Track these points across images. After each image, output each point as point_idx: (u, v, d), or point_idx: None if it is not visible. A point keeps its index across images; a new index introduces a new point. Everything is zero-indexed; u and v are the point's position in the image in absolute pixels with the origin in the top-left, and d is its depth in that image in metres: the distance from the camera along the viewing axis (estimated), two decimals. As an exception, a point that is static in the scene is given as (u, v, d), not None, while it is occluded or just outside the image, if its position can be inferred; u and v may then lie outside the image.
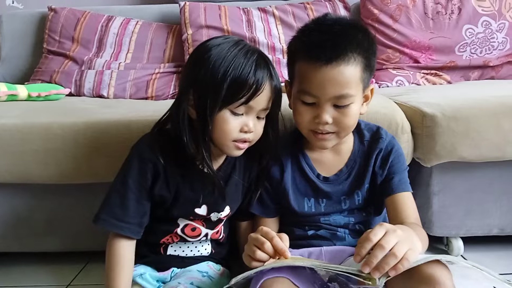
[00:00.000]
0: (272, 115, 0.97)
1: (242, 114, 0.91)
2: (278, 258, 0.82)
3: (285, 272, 0.83)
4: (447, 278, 0.75)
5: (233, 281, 0.83)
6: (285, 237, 0.84)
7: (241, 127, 0.91)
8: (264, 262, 0.81)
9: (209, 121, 0.88)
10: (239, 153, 0.95)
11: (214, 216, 1.02)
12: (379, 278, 0.72)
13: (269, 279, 0.82)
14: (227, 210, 1.03)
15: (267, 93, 0.91)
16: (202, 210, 1.00)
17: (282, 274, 0.83)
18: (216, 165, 1.01)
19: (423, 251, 0.82)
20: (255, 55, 0.91)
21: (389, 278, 0.73)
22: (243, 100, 0.88)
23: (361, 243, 0.74)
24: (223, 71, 0.87)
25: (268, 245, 0.81)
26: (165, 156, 0.95)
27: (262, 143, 0.99)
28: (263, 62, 0.91)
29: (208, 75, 0.88)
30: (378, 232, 0.73)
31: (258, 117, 0.94)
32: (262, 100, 0.90)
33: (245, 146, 0.94)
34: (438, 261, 0.76)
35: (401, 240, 0.72)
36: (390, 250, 0.71)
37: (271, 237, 0.81)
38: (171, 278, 1.05)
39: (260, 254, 0.81)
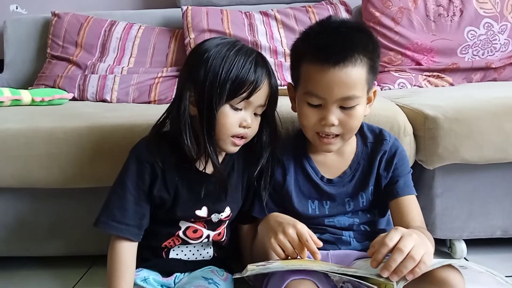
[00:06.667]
0: (267, 113, 1.01)
1: (241, 109, 0.94)
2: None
3: (310, 274, 0.83)
4: (460, 282, 0.76)
5: (248, 273, 0.82)
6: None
7: (240, 122, 0.94)
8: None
9: (214, 115, 0.91)
10: (235, 149, 0.98)
11: (215, 218, 1.03)
12: (397, 283, 0.72)
13: (294, 280, 0.82)
14: (227, 211, 1.04)
15: (265, 90, 0.95)
16: (202, 212, 1.01)
17: (308, 277, 0.83)
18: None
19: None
20: (254, 54, 0.95)
21: (407, 283, 0.73)
22: (244, 95, 0.92)
23: (376, 248, 0.75)
24: (226, 70, 0.91)
25: (305, 253, 0.84)
26: (163, 158, 0.97)
27: (258, 143, 1.02)
28: (261, 60, 0.96)
29: (210, 75, 0.91)
30: (393, 236, 0.74)
31: (255, 114, 0.97)
32: (260, 96, 0.94)
33: (241, 142, 0.97)
34: (450, 265, 0.77)
35: (417, 244, 0.73)
36: (408, 253, 0.71)
37: (305, 239, 0.83)
38: (175, 284, 1.05)
39: (292, 253, 0.84)
